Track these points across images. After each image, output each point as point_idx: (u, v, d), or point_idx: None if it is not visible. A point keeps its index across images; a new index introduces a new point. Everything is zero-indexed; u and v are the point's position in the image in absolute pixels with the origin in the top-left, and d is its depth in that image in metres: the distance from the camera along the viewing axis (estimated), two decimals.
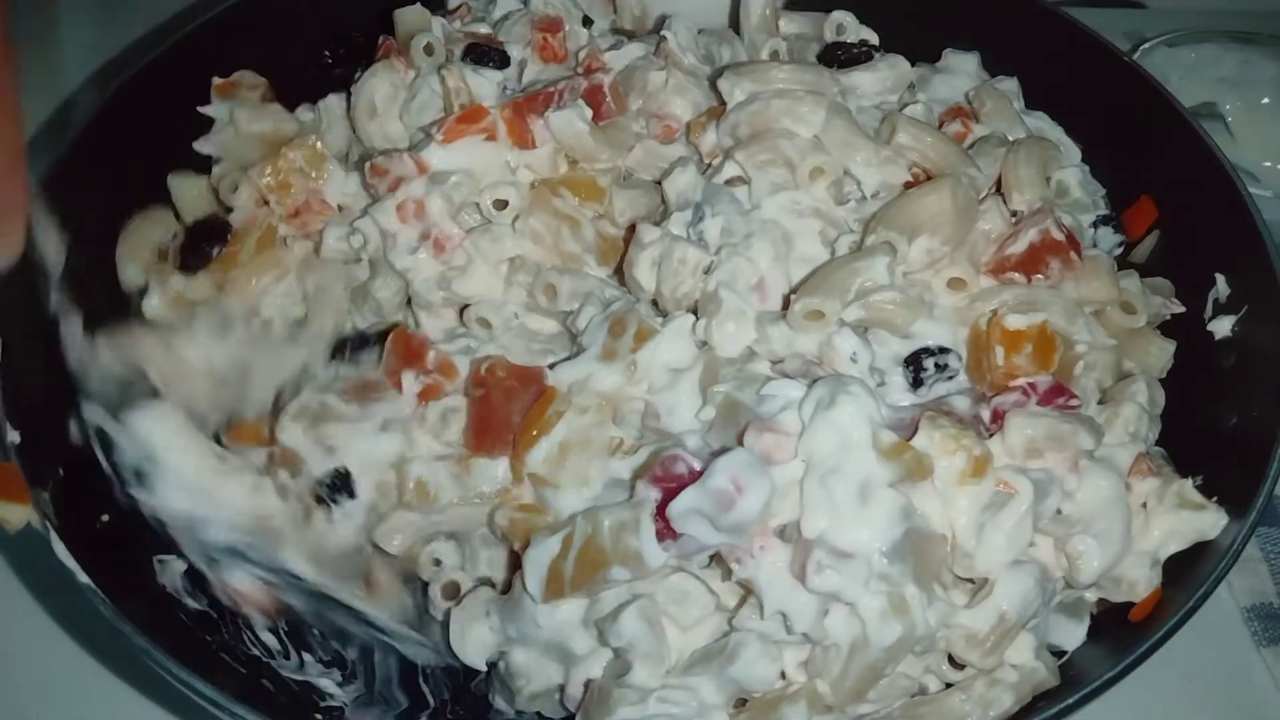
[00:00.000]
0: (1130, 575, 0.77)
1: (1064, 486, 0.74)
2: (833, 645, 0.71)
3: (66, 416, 0.80)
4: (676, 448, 0.74)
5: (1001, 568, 0.73)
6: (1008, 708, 0.74)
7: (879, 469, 0.70)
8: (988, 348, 0.78)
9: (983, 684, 0.75)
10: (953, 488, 0.73)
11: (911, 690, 0.76)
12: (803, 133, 0.82)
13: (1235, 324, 0.87)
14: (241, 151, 0.96)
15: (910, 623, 0.69)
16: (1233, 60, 1.20)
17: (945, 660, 0.76)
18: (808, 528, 0.69)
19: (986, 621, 0.72)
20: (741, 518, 0.69)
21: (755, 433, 0.72)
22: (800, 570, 0.69)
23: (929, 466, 0.72)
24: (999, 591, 0.72)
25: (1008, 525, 0.72)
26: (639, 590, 0.75)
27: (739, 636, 0.74)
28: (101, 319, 0.83)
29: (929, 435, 0.73)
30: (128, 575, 0.77)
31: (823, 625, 0.70)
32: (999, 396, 0.77)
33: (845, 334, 0.77)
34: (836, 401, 0.71)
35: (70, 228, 0.81)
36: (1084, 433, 0.75)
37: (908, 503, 0.71)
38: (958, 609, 0.72)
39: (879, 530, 0.69)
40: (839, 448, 0.70)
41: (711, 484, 0.69)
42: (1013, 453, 0.75)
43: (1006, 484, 0.73)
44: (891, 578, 0.69)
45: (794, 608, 0.70)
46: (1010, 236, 0.81)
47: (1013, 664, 0.75)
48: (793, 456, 0.72)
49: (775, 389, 0.75)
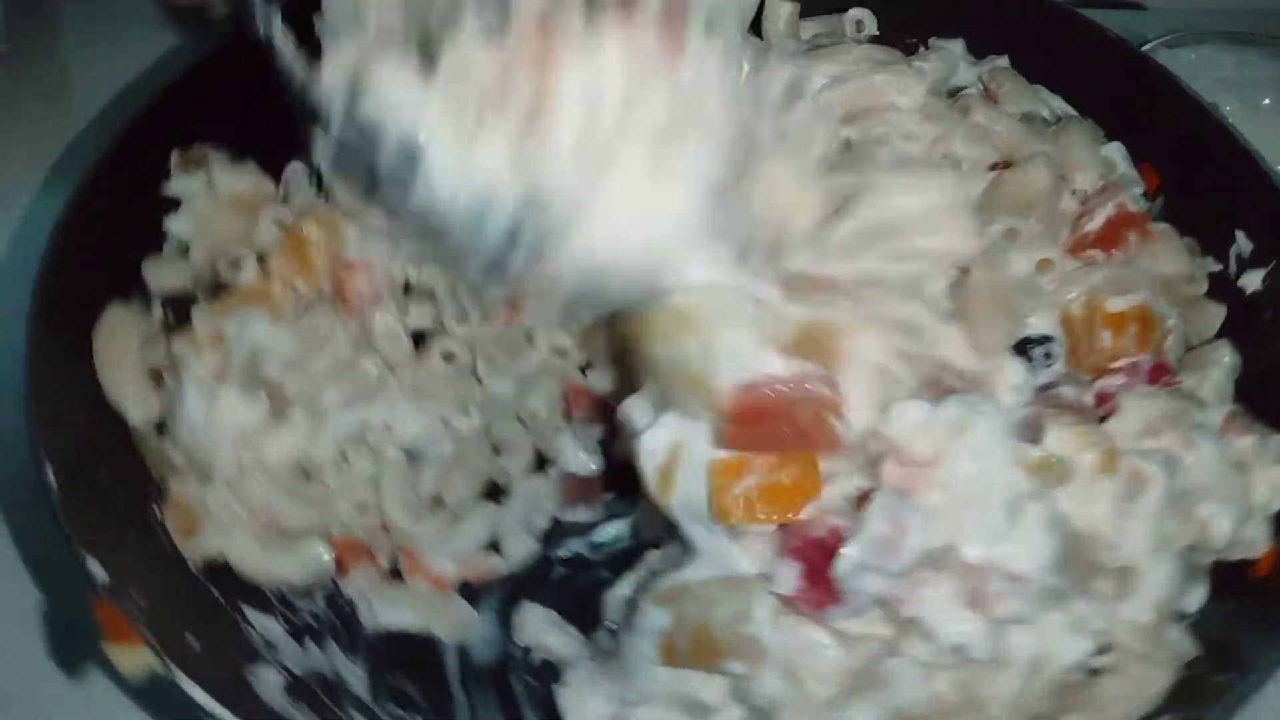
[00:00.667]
0: (1248, 534, 0.78)
1: (1183, 462, 0.75)
2: (1007, 665, 0.70)
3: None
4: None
5: (1146, 554, 0.73)
6: (1165, 685, 0.74)
7: (1026, 485, 0.70)
8: (1091, 332, 0.78)
9: (1135, 664, 0.75)
10: (1089, 484, 0.72)
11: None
12: (906, 106, 0.80)
13: (1266, 276, 0.90)
14: (221, 223, 0.87)
15: (1087, 633, 0.69)
16: (1232, 61, 1.20)
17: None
18: (970, 554, 0.68)
19: (1148, 610, 0.73)
20: (910, 558, 0.67)
21: (893, 467, 0.70)
22: (975, 599, 0.67)
23: (1072, 471, 0.71)
24: (1151, 578, 0.73)
25: (1148, 511, 0.73)
26: None
27: (893, 664, 0.71)
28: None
29: (1059, 436, 0.72)
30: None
31: (1003, 648, 0.69)
32: (1103, 380, 0.78)
33: (1015, 362, 0.75)
34: (971, 424, 0.69)
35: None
36: (1194, 408, 0.77)
37: (1054, 510, 0.70)
38: (1120, 604, 0.72)
39: (1038, 546, 0.68)
40: (982, 470, 0.69)
41: (874, 531, 0.67)
42: (1129, 435, 0.75)
43: (1138, 471, 0.73)
44: (1059, 590, 0.69)
45: (970, 637, 0.68)
46: (1085, 214, 0.81)
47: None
48: (932, 485, 0.70)
49: (903, 415, 0.72)
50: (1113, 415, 0.76)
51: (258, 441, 0.82)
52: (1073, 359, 0.80)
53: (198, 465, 0.80)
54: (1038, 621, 0.68)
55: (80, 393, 0.77)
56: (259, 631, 0.78)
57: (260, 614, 0.79)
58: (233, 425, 0.80)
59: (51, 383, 0.74)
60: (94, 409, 0.78)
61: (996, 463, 0.69)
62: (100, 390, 0.78)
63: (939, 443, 0.70)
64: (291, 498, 0.82)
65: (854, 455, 0.71)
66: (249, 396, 0.80)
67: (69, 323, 0.79)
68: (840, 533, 0.69)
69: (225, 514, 0.80)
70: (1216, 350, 0.84)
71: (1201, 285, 0.88)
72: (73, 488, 0.70)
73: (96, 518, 0.71)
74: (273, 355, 0.81)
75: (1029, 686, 0.70)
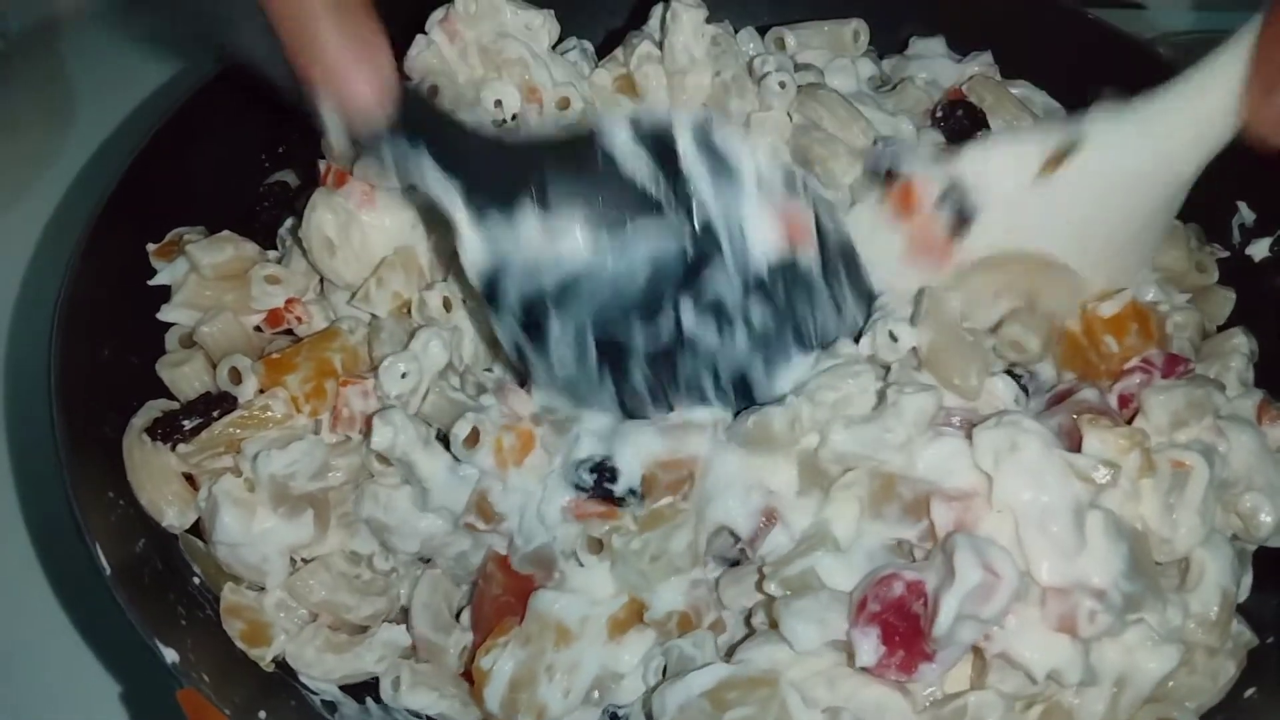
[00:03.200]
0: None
1: (1218, 450, 0.75)
2: (1097, 685, 0.69)
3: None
4: (887, 568, 0.69)
5: (1198, 545, 0.73)
6: (1233, 675, 0.75)
7: (1084, 494, 0.69)
8: (1094, 341, 0.79)
9: (1203, 656, 0.75)
10: (1133, 483, 0.72)
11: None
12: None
13: (1273, 243, 0.91)
14: (211, 296, 0.86)
15: (1171, 643, 0.69)
16: None
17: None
18: (1045, 577, 0.67)
19: (1212, 602, 0.73)
20: (1005, 599, 0.65)
21: (941, 507, 0.70)
22: (1063, 622, 0.66)
23: (1120, 472, 0.71)
24: (1211, 570, 0.73)
25: (1195, 502, 0.72)
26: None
27: (981, 698, 0.69)
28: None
29: (1099, 438, 0.72)
30: None
31: (1092, 669, 0.68)
32: (1120, 383, 0.78)
33: (1004, 379, 0.75)
34: (1019, 444, 0.69)
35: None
36: (1216, 393, 0.77)
37: (1111, 515, 0.70)
38: (1187, 601, 0.72)
39: (1110, 554, 0.68)
40: (1039, 488, 0.68)
41: (971, 580, 0.65)
42: (1160, 430, 0.75)
43: (1179, 463, 0.73)
44: (1136, 596, 0.68)
45: (1063, 661, 0.67)
46: None
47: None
48: (987, 514, 0.69)
49: (935, 451, 0.72)
50: (1138, 415, 0.76)
51: (307, 549, 0.80)
52: (1084, 368, 0.80)
53: (247, 573, 0.79)
54: (1123, 634, 0.67)
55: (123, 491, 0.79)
56: (322, 696, 0.79)
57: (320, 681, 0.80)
58: (277, 542, 0.78)
59: (90, 485, 0.76)
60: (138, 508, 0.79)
61: (1053, 476, 0.68)
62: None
63: (985, 469, 0.69)
64: (353, 591, 0.80)
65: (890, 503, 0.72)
66: (289, 518, 0.79)
67: (100, 442, 0.79)
68: (921, 587, 0.67)
69: (288, 620, 0.78)
70: (1233, 338, 0.85)
71: (1212, 275, 0.89)
72: (131, 586, 0.72)
73: (158, 608, 0.73)
74: (299, 473, 0.79)
75: (1122, 702, 0.69)
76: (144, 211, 0.87)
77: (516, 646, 0.74)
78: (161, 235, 0.89)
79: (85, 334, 0.81)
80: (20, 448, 1.05)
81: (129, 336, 0.85)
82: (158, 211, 0.89)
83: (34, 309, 1.11)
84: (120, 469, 0.79)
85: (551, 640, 0.74)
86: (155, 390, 0.84)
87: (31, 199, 1.19)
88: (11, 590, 0.97)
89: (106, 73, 1.28)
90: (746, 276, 0.74)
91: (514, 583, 0.77)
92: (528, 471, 0.77)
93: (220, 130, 0.91)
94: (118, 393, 0.82)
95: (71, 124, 1.25)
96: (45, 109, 1.28)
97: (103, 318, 0.83)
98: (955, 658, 0.67)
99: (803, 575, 0.71)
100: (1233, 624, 0.76)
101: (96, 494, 0.76)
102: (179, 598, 0.77)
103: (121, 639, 0.69)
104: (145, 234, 0.88)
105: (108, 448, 0.80)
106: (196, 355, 0.85)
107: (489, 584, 0.78)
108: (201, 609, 0.78)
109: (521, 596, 0.76)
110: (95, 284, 0.82)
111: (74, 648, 0.94)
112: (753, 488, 0.74)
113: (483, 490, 0.77)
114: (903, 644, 0.66)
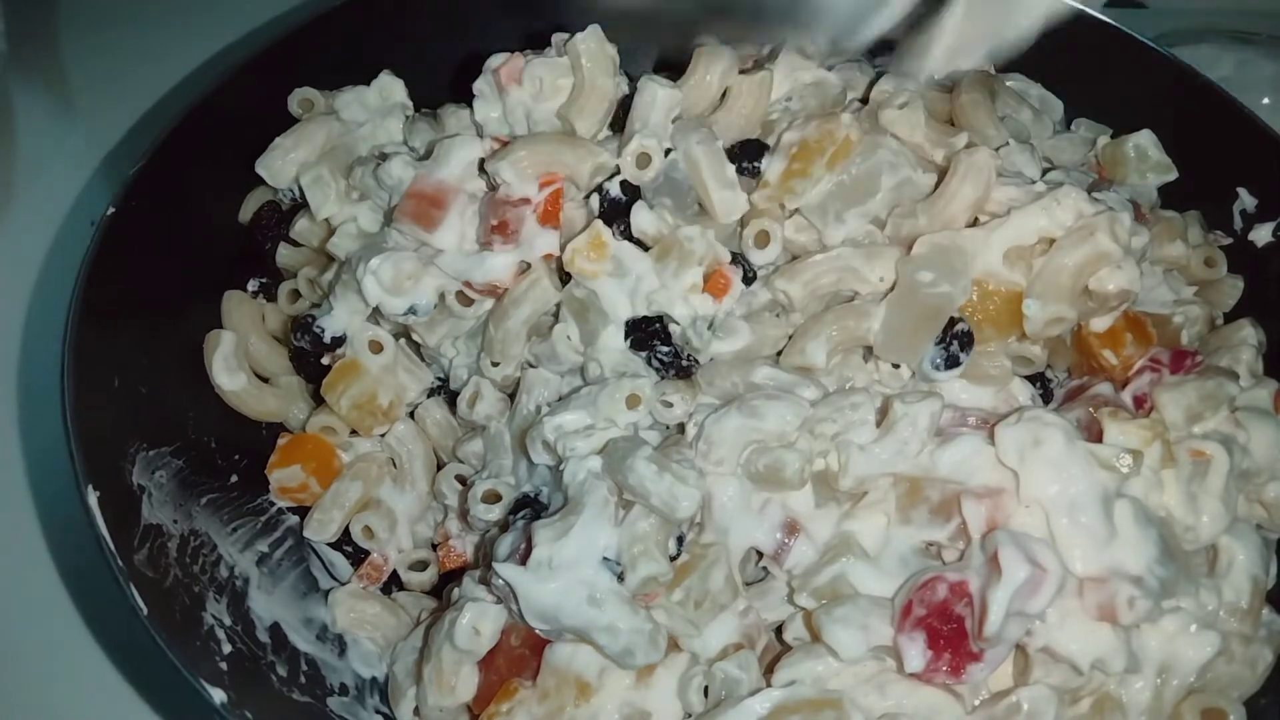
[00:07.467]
0: None
1: (1238, 440, 0.76)
2: (1137, 676, 0.69)
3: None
4: (928, 572, 0.69)
5: (1224, 533, 0.74)
6: (1270, 662, 0.75)
7: (1111, 483, 0.69)
8: (1094, 356, 0.79)
9: (1239, 644, 0.75)
10: (1155, 473, 0.73)
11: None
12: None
13: (1276, 228, 0.91)
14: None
15: (1209, 630, 0.69)
16: (1232, 61, 1.20)
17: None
18: (1079, 567, 0.67)
19: (1244, 590, 0.73)
20: (1051, 592, 0.65)
21: (972, 505, 0.70)
22: (1103, 611, 0.67)
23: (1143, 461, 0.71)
24: (1240, 558, 0.74)
25: (1217, 489, 0.73)
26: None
27: (1033, 693, 0.69)
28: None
29: (1120, 430, 0.73)
30: None
31: (1135, 656, 0.68)
32: (1131, 385, 0.79)
33: (1021, 383, 0.76)
34: (1043, 438, 0.70)
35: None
36: (1228, 383, 0.78)
37: (1139, 503, 0.70)
38: (1217, 587, 0.73)
39: (1141, 540, 0.68)
40: (1066, 480, 0.69)
41: (1019, 576, 0.65)
42: (1177, 425, 0.76)
43: (1199, 452, 0.74)
44: (1170, 581, 0.68)
45: (1106, 650, 0.67)
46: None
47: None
48: (1018, 508, 0.69)
49: (956, 451, 0.72)
50: (1153, 413, 0.76)
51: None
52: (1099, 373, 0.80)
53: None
54: (1161, 621, 0.68)
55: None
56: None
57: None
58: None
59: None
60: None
61: (1079, 468, 0.69)
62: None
63: (1010, 465, 0.70)
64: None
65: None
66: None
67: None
68: (965, 588, 0.67)
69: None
70: (1241, 329, 0.86)
71: (1221, 269, 0.90)
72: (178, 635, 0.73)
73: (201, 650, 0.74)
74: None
75: (1165, 691, 0.69)
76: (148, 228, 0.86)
77: (534, 703, 0.72)
78: (167, 242, 0.87)
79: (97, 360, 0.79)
80: (33, 455, 1.02)
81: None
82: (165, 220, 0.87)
83: (48, 307, 1.08)
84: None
85: (571, 696, 0.71)
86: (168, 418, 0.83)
87: (33, 202, 1.18)
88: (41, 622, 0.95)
89: (107, 78, 1.27)
90: None
91: (532, 635, 0.74)
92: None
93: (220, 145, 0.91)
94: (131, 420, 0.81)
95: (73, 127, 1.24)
96: (45, 111, 1.27)
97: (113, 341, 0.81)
98: (1002, 656, 0.67)
99: (833, 583, 0.71)
100: (1267, 615, 0.76)
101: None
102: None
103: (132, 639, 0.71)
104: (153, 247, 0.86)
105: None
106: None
107: (508, 635, 0.75)
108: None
109: (536, 649, 0.74)
110: (103, 312, 0.81)
111: (85, 643, 0.93)
112: (767, 502, 0.74)
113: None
114: (949, 646, 0.66)
